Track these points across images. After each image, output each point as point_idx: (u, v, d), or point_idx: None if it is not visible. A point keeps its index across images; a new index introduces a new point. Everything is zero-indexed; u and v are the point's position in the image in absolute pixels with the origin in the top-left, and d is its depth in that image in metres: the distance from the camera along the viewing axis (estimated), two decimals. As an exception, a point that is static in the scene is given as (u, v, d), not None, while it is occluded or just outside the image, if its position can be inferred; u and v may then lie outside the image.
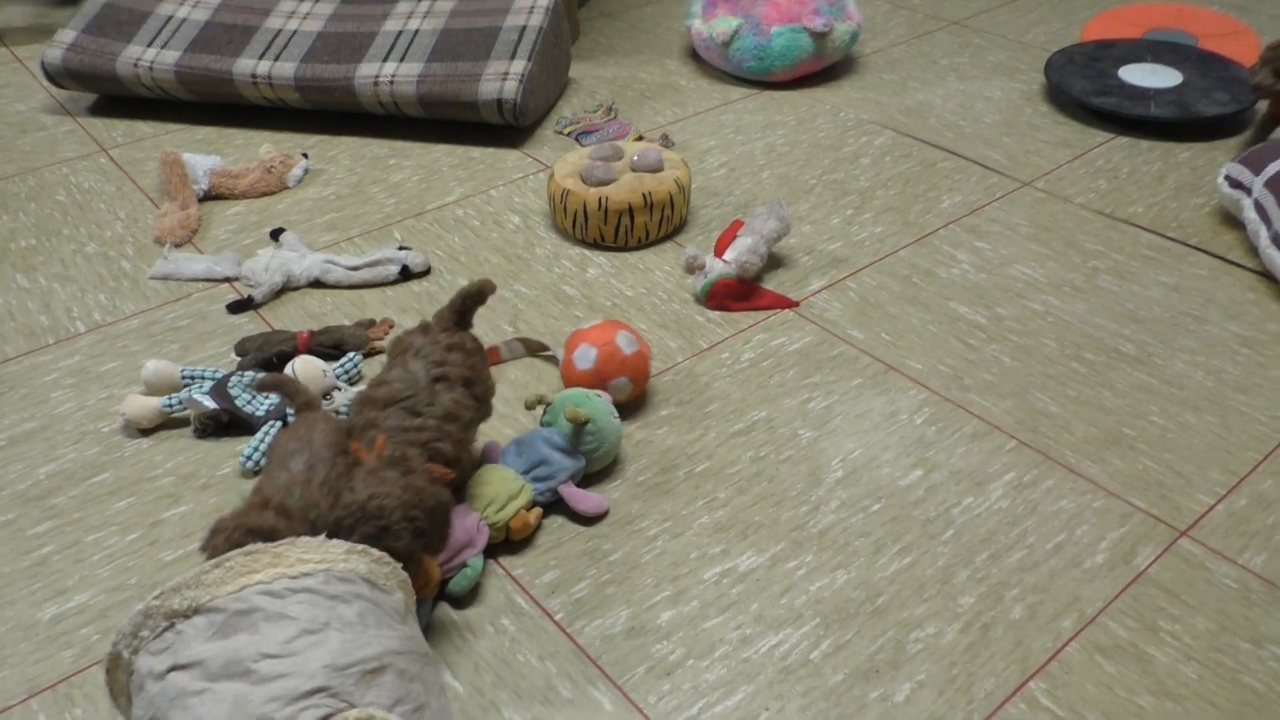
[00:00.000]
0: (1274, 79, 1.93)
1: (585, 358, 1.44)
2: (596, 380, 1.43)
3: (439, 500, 1.11)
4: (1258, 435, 1.43)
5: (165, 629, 0.88)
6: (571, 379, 1.45)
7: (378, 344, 1.62)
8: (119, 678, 0.90)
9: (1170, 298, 1.71)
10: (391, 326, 1.66)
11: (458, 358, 1.27)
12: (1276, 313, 1.67)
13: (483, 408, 1.30)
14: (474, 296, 1.32)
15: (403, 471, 1.11)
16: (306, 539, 0.95)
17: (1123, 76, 2.34)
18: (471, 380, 1.27)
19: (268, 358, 1.54)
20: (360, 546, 0.98)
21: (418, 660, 0.93)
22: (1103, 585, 1.22)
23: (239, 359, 1.55)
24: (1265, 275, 1.76)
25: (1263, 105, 2.16)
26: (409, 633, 0.95)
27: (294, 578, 0.91)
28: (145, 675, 0.86)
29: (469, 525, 1.23)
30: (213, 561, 0.91)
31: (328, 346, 1.57)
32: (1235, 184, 1.84)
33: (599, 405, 1.34)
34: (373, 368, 1.58)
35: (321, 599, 0.90)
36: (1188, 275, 1.76)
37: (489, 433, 1.45)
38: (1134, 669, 1.12)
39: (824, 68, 2.51)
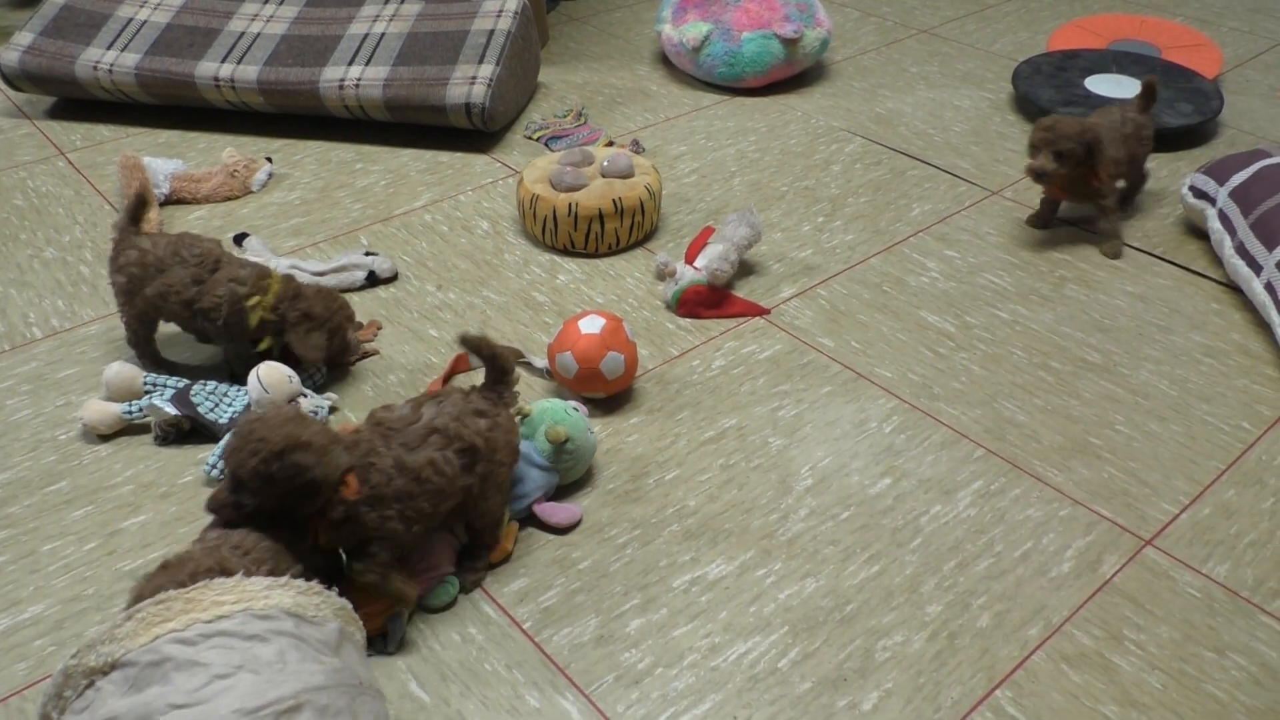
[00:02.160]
0: (1056, 162, 1.77)
1: (594, 323, 1.44)
2: (601, 345, 1.42)
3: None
4: (1221, 444, 1.44)
5: (86, 687, 0.87)
6: (578, 343, 1.43)
7: (367, 346, 1.60)
8: None
9: (1136, 307, 1.72)
10: (379, 328, 1.64)
11: (475, 422, 1.17)
12: (1240, 322, 1.69)
13: (481, 485, 1.18)
14: (499, 363, 1.23)
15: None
16: (222, 580, 0.93)
17: (1089, 86, 2.36)
18: (473, 451, 1.16)
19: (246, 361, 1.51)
20: (284, 580, 0.94)
21: (345, 693, 0.90)
22: (1069, 594, 1.22)
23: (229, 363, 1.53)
24: (1229, 285, 1.78)
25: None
26: (337, 665, 0.92)
27: (208, 622, 0.89)
28: None
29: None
30: (124, 613, 0.89)
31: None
32: (1199, 194, 1.87)
33: (578, 421, 1.33)
34: (358, 372, 1.56)
35: (237, 640, 0.88)
36: (1153, 285, 1.78)
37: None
38: (1100, 678, 1.13)
39: (795, 74, 2.52)
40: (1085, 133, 1.77)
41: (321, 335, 1.46)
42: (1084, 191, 1.85)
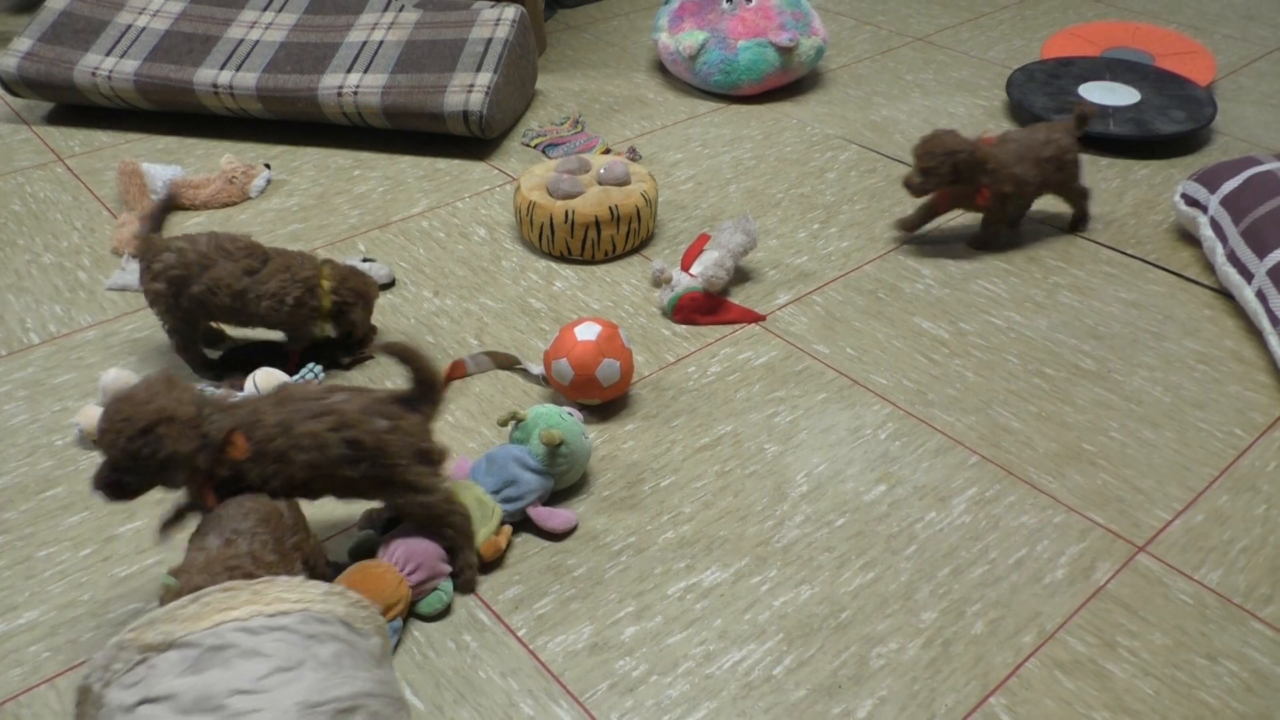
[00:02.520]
0: (921, 177, 1.77)
1: (590, 330, 1.45)
2: (597, 353, 1.43)
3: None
4: (1214, 451, 1.45)
5: (138, 662, 0.87)
6: (574, 350, 1.44)
7: (365, 352, 1.60)
8: (87, 711, 0.89)
9: (1129, 314, 1.73)
10: (376, 333, 1.65)
11: (374, 422, 1.14)
12: (1232, 329, 1.70)
13: (379, 484, 1.17)
14: (425, 378, 1.19)
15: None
16: (286, 578, 0.95)
17: (1082, 94, 2.37)
18: (359, 445, 1.14)
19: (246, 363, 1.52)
20: (339, 588, 0.97)
21: (390, 704, 0.93)
22: (1063, 601, 1.23)
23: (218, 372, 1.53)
24: (1221, 292, 1.79)
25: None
26: (384, 676, 0.95)
27: (270, 616, 0.91)
28: (115, 709, 0.85)
29: (440, 550, 1.21)
30: (190, 596, 0.90)
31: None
32: (1191, 202, 1.88)
33: (573, 426, 1.33)
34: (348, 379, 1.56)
35: (297, 638, 0.90)
36: (1146, 292, 1.79)
37: (456, 447, 1.44)
38: (1093, 684, 1.13)
39: (790, 82, 2.53)
40: (955, 153, 1.75)
41: (369, 312, 1.58)
42: (970, 207, 1.86)
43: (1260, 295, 1.63)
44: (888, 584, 1.25)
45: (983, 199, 1.82)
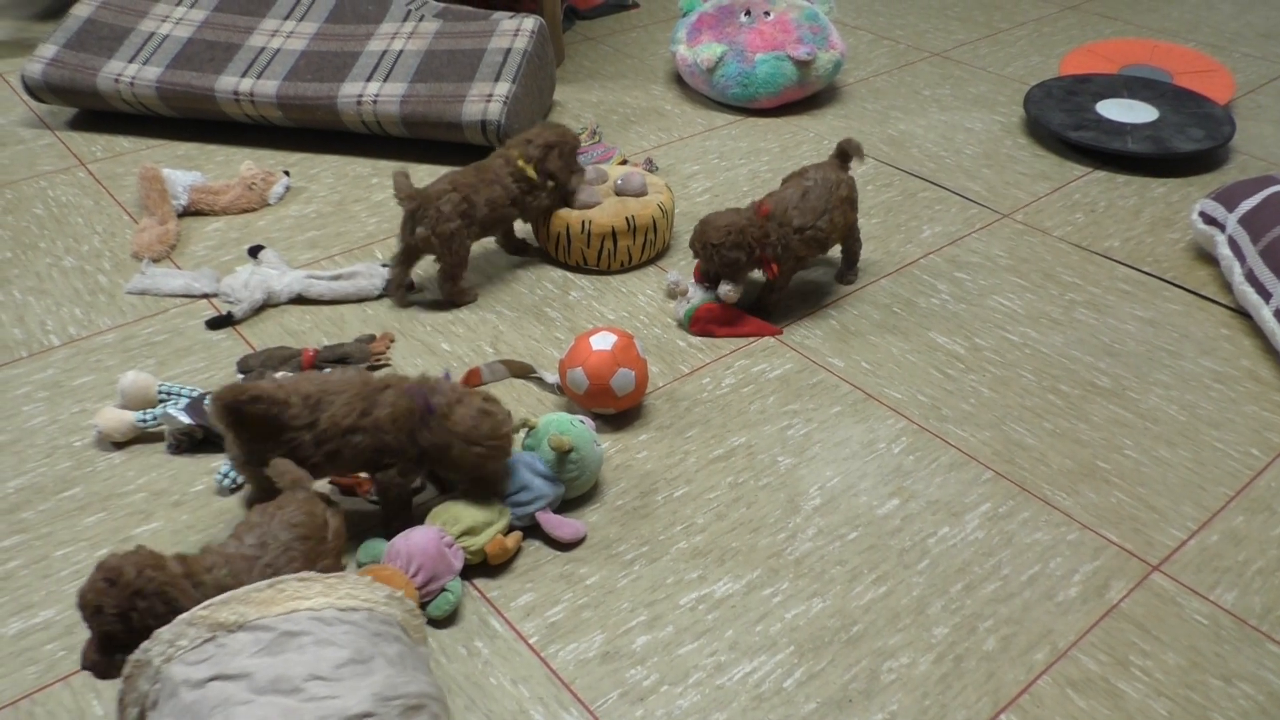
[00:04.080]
0: (729, 270, 1.62)
1: (605, 341, 1.45)
2: (612, 363, 1.43)
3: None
4: (1230, 471, 1.44)
5: (206, 640, 0.89)
6: (589, 359, 1.44)
7: (380, 358, 1.61)
8: (138, 685, 0.90)
9: (1145, 332, 1.73)
10: (392, 341, 1.66)
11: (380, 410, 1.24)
12: (1250, 349, 1.69)
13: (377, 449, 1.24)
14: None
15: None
16: (355, 577, 0.98)
17: (1100, 111, 2.37)
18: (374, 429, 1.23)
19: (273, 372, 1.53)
20: (399, 594, 1.00)
21: (444, 710, 0.96)
22: (1075, 618, 1.22)
23: (242, 376, 1.54)
24: (1239, 311, 1.78)
25: None
26: (436, 683, 0.97)
27: (341, 610, 0.94)
28: (179, 683, 0.87)
29: (445, 550, 1.22)
30: (266, 581, 0.93)
31: (331, 362, 1.57)
32: (1209, 220, 1.87)
33: (583, 433, 1.34)
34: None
35: (366, 634, 0.93)
36: (1163, 310, 1.78)
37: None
38: (1105, 704, 1.13)
39: (807, 96, 2.53)
40: (748, 248, 1.61)
41: (564, 159, 1.78)
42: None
43: (1278, 315, 1.62)
44: (900, 598, 1.25)
45: (772, 273, 1.66)
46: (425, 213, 1.67)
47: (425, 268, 1.86)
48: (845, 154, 1.75)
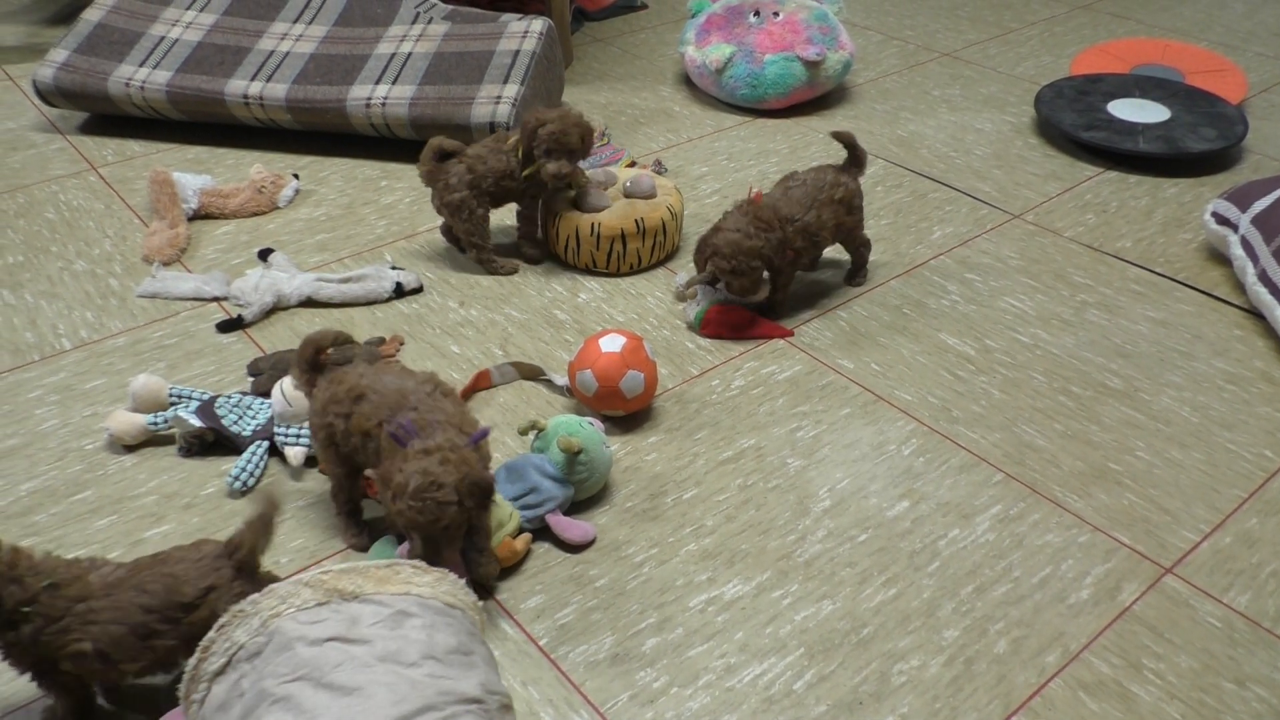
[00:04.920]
0: (740, 280, 1.63)
1: (615, 342, 1.45)
2: (621, 364, 1.43)
3: None
4: (1243, 473, 1.43)
5: (321, 604, 0.92)
6: (598, 361, 1.44)
7: (390, 361, 1.61)
8: (232, 634, 0.92)
9: (1157, 333, 1.72)
10: (402, 344, 1.66)
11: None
12: (1263, 350, 1.68)
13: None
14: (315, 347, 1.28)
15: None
16: (454, 577, 1.02)
17: (1111, 111, 2.36)
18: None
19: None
20: (481, 604, 1.04)
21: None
22: (1087, 621, 1.22)
23: (253, 379, 1.54)
24: (1252, 312, 1.77)
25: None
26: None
27: (444, 605, 0.98)
28: (293, 638, 0.89)
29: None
30: (384, 561, 0.97)
31: (340, 365, 1.57)
32: (1222, 220, 1.86)
33: (592, 434, 1.34)
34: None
35: (464, 631, 0.96)
36: (1175, 311, 1.77)
37: (476, 457, 1.45)
38: (1117, 707, 1.12)
39: (817, 96, 2.53)
40: (758, 250, 1.61)
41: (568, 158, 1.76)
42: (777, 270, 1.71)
43: (1291, 315, 1.61)
44: (910, 600, 1.24)
45: (793, 255, 1.67)
46: (434, 183, 1.77)
47: (432, 269, 1.86)
48: (856, 158, 1.74)
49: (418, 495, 1.08)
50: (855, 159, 1.75)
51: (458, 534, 1.13)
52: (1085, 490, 1.40)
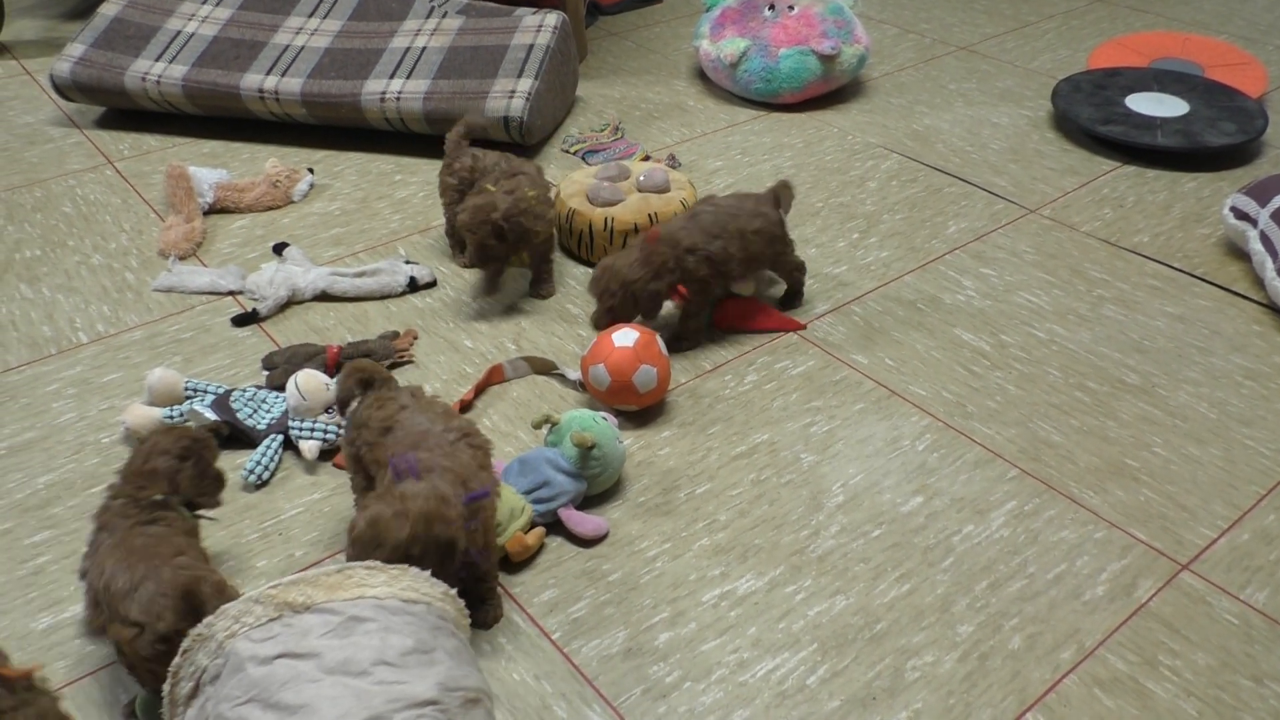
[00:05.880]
0: (609, 315, 1.57)
1: (627, 337, 1.45)
2: (634, 359, 1.43)
3: None
4: (1261, 469, 1.42)
5: (272, 619, 0.91)
6: (611, 356, 1.44)
7: (403, 355, 1.62)
8: (195, 658, 0.91)
9: (1175, 328, 1.70)
10: (415, 338, 1.66)
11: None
12: (1281, 344, 1.67)
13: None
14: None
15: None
16: (416, 570, 0.99)
17: (1129, 105, 2.34)
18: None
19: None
20: (453, 591, 1.01)
21: (492, 706, 0.97)
22: (1103, 617, 1.21)
23: (267, 373, 1.55)
24: (1270, 308, 1.75)
25: None
26: (485, 679, 0.99)
27: (404, 601, 0.95)
28: (245, 658, 0.88)
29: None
30: (335, 567, 0.95)
31: (355, 359, 1.57)
32: (1240, 215, 1.84)
33: (605, 429, 1.34)
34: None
35: (426, 627, 0.94)
36: (1193, 306, 1.76)
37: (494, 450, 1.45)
38: (1133, 704, 1.11)
39: (831, 90, 2.52)
40: (632, 283, 1.54)
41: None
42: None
43: (1311, 310, 1.60)
44: (924, 596, 1.24)
45: (679, 296, 1.59)
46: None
47: (445, 263, 1.86)
48: (775, 195, 1.66)
49: (357, 544, 1.04)
50: (778, 197, 1.65)
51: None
52: (1101, 486, 1.39)
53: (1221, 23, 3.01)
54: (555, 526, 1.32)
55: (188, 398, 1.49)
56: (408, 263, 1.80)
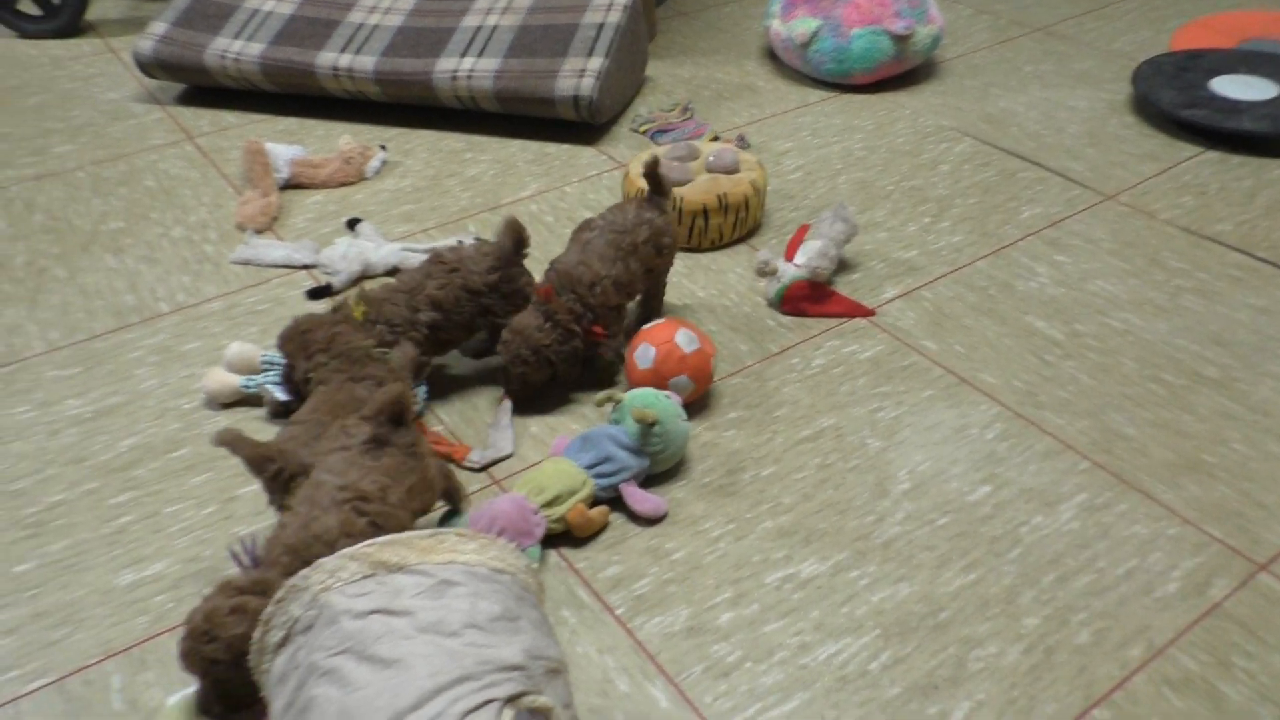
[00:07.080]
0: (522, 370, 1.45)
1: (645, 357, 1.44)
2: (656, 379, 1.43)
3: None
4: (1346, 466, 1.38)
5: (366, 576, 0.94)
6: (633, 378, 1.45)
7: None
8: (289, 608, 0.94)
9: (1258, 321, 1.65)
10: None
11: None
12: (1370, 340, 1.61)
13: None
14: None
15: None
16: (504, 541, 1.02)
17: (1214, 88, 2.27)
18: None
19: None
20: (535, 566, 1.04)
21: (569, 677, 0.99)
22: (1174, 615, 1.19)
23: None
24: (1360, 300, 1.69)
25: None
26: (563, 652, 1.01)
27: (492, 570, 0.98)
28: (340, 611, 0.91)
29: (529, 515, 1.24)
30: (428, 531, 0.98)
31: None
32: (1331, 205, 1.78)
33: (668, 406, 1.34)
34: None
35: (512, 596, 0.97)
36: (1276, 298, 1.71)
37: (557, 427, 1.46)
38: (1204, 705, 1.09)
39: (904, 71, 2.48)
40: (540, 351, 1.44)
41: None
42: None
43: (1404, 305, 1.54)
44: (989, 586, 1.23)
45: (597, 336, 1.49)
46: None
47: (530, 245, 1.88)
48: (658, 187, 1.55)
49: (189, 637, 1.00)
50: (657, 188, 1.55)
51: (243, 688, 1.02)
52: (1176, 481, 1.36)
53: (1315, 4, 2.90)
54: (615, 503, 1.33)
55: (264, 369, 1.53)
56: (477, 239, 1.82)
